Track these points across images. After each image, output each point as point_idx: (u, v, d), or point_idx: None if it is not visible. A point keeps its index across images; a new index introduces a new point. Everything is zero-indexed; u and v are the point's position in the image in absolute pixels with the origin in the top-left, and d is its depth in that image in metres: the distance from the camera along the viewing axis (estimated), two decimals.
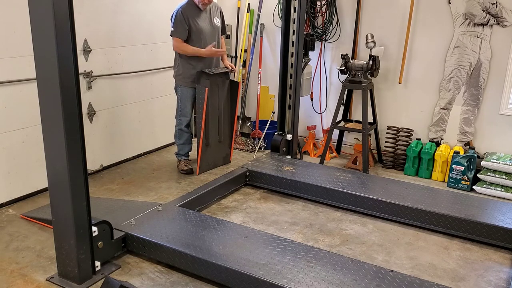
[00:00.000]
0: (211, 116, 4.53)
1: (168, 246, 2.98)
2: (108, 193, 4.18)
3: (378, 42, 4.72)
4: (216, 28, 4.44)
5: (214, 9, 4.45)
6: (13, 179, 3.86)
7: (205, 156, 4.62)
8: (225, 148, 4.83)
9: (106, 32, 4.46)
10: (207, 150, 4.61)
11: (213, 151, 4.68)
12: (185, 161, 4.71)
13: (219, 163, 4.80)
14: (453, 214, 3.52)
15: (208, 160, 4.66)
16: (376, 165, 5.05)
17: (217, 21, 4.45)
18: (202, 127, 4.45)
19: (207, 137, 4.55)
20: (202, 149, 4.52)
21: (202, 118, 4.41)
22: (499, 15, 4.32)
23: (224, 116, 4.69)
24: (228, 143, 4.84)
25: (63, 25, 2.42)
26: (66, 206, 2.68)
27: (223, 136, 4.73)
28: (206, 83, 4.38)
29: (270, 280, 2.63)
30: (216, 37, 4.45)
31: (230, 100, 4.73)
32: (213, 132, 4.62)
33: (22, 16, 2.96)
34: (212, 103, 4.50)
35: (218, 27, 4.48)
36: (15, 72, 3.72)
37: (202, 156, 4.57)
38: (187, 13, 4.23)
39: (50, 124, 2.59)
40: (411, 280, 2.67)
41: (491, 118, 4.55)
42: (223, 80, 4.59)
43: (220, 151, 4.77)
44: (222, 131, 4.70)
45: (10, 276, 2.92)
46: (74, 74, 2.53)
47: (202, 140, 4.49)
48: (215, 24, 4.43)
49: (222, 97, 4.62)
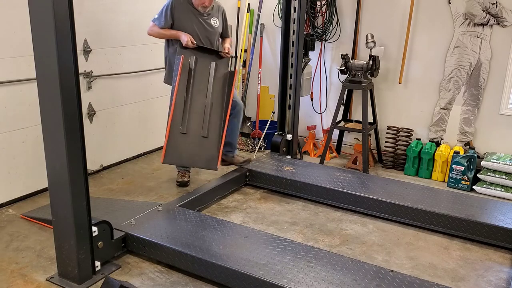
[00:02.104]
0: (194, 99, 3.87)
1: (168, 246, 2.98)
2: (108, 193, 4.18)
3: (378, 42, 4.72)
4: (213, 29, 4.10)
5: (215, 9, 4.16)
6: (13, 179, 3.86)
7: (176, 145, 3.80)
8: (210, 148, 3.85)
9: (106, 32, 4.45)
10: (181, 139, 3.81)
11: (192, 144, 3.84)
12: (182, 172, 4.38)
13: (198, 164, 3.97)
14: (453, 214, 3.52)
15: (180, 151, 3.82)
16: (376, 165, 5.05)
17: (215, 22, 4.10)
18: (173, 101, 3.78)
19: (184, 122, 3.82)
20: (173, 134, 3.78)
21: (175, 89, 3.79)
22: (499, 15, 4.32)
23: (213, 110, 3.92)
24: (216, 144, 3.86)
25: (63, 25, 2.42)
26: (66, 206, 2.68)
27: (209, 132, 3.87)
28: (185, 53, 3.87)
29: (270, 280, 2.63)
30: (212, 38, 4.10)
31: (225, 93, 3.99)
32: (194, 121, 3.86)
33: (22, 16, 2.96)
34: (197, 85, 3.90)
35: (215, 28, 4.12)
36: (15, 72, 3.72)
37: (171, 142, 3.78)
38: (178, 8, 3.94)
39: (50, 124, 2.59)
40: (411, 280, 2.67)
41: (491, 118, 4.55)
42: (217, 66, 4.00)
43: (202, 150, 3.87)
44: (208, 125, 3.89)
45: (10, 276, 2.92)
46: (74, 74, 2.53)
47: (174, 123, 3.79)
48: (211, 25, 4.08)
49: (215, 86, 3.95)
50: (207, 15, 4.07)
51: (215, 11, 4.15)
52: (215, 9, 4.15)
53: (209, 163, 3.88)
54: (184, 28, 3.95)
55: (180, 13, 3.96)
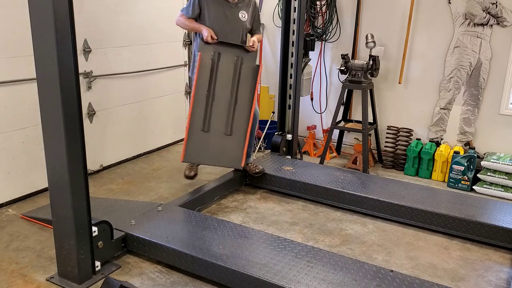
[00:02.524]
0: (217, 95, 3.76)
1: (168, 246, 2.98)
2: (108, 193, 4.18)
3: (378, 42, 4.72)
4: (240, 23, 3.86)
5: (245, 2, 3.91)
6: (13, 179, 3.86)
7: (197, 143, 3.72)
8: (234, 147, 3.78)
9: (106, 32, 4.45)
10: (202, 137, 3.74)
11: (214, 143, 3.77)
12: (190, 165, 4.29)
13: (221, 163, 3.90)
14: (453, 214, 3.52)
15: (201, 149, 3.75)
16: (376, 165, 5.05)
17: (243, 16, 3.86)
18: (192, 99, 3.70)
19: (205, 120, 3.74)
20: (193, 131, 3.70)
21: (193, 86, 3.71)
22: (499, 15, 4.32)
23: (238, 106, 3.80)
24: (241, 141, 3.79)
25: (63, 25, 2.42)
26: (66, 206, 2.68)
27: (233, 129, 3.79)
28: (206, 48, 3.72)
29: (270, 280, 2.63)
30: (238, 32, 3.87)
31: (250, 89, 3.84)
32: (217, 118, 3.76)
33: (22, 16, 2.96)
34: (220, 81, 3.77)
35: (243, 22, 3.88)
36: (15, 72, 3.72)
37: (192, 140, 3.71)
38: None
39: (50, 124, 2.59)
40: (411, 280, 2.67)
41: (491, 118, 4.55)
42: (243, 60, 3.81)
43: (226, 148, 3.78)
44: (232, 122, 3.79)
45: (10, 276, 2.92)
46: (74, 74, 2.53)
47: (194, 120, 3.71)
48: (239, 18, 3.85)
49: (240, 81, 3.81)
50: (236, 7, 3.85)
51: (245, 5, 3.92)
52: (246, 2, 3.92)
53: (233, 162, 3.82)
54: (209, 19, 3.79)
55: (208, 3, 3.79)
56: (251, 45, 3.85)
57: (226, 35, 3.82)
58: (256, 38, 3.95)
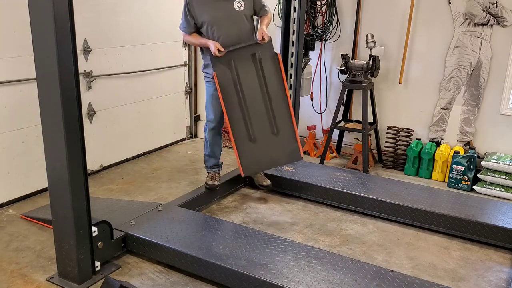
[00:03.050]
0: (249, 101, 3.63)
1: (168, 246, 2.98)
2: (108, 193, 4.18)
3: (378, 42, 4.72)
4: (238, 14, 3.65)
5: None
6: (13, 179, 3.86)
7: (249, 155, 3.64)
8: (287, 142, 3.69)
9: (106, 32, 4.46)
10: (251, 146, 3.64)
11: (265, 147, 3.67)
12: (212, 173, 4.04)
13: (281, 162, 3.82)
14: (453, 214, 3.52)
15: (256, 159, 3.66)
16: (376, 165, 5.05)
17: (240, 5, 3.64)
18: (227, 119, 3.60)
19: (248, 131, 3.63)
20: (243, 145, 3.61)
21: (223, 105, 3.57)
22: (499, 15, 4.32)
23: (274, 100, 3.68)
24: (291, 134, 3.71)
25: (63, 25, 2.42)
26: (66, 206, 2.68)
27: (278, 126, 3.67)
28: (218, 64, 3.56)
29: (270, 280, 2.63)
30: (239, 24, 3.67)
31: (278, 78, 3.72)
32: (259, 123, 3.65)
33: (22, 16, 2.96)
34: (246, 85, 3.64)
35: (241, 11, 3.65)
36: (15, 72, 3.72)
37: (243, 153, 3.61)
38: (194, 3, 3.61)
39: (50, 124, 2.59)
40: (411, 280, 2.67)
41: (491, 118, 4.55)
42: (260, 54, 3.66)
43: (279, 146, 3.70)
44: (275, 119, 3.67)
45: (10, 276, 2.92)
46: (74, 74, 2.53)
47: (238, 135, 3.61)
48: (234, 9, 3.64)
49: (266, 76, 3.68)
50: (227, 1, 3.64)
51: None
52: None
53: (292, 156, 3.76)
54: (207, 23, 3.62)
55: (198, 7, 3.62)
56: (261, 39, 3.63)
57: (230, 32, 3.63)
58: (265, 26, 3.72)
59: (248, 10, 3.71)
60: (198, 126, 5.86)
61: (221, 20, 3.63)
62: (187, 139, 5.79)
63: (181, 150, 5.40)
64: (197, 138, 5.85)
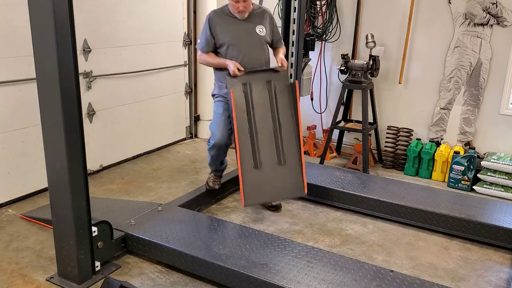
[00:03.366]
0: (259, 128, 3.53)
1: (168, 246, 2.98)
2: (108, 193, 4.17)
3: (378, 42, 4.72)
4: (259, 38, 3.59)
5: (259, 15, 3.63)
6: (13, 179, 3.86)
7: (253, 182, 3.48)
8: (292, 175, 3.56)
9: (106, 32, 4.45)
10: (256, 174, 3.50)
11: (270, 177, 3.53)
12: (214, 175, 3.96)
13: (283, 195, 3.71)
14: (453, 214, 3.52)
15: (259, 188, 3.51)
16: (376, 165, 5.05)
17: (262, 30, 3.59)
18: (237, 141, 3.45)
19: (255, 157, 3.51)
20: (246, 172, 3.46)
21: (235, 128, 3.45)
22: (499, 15, 4.32)
23: (283, 131, 3.58)
24: (298, 167, 3.57)
25: (63, 25, 2.42)
26: (66, 206, 2.68)
27: (285, 157, 3.56)
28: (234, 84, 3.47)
29: (270, 280, 2.63)
30: (259, 48, 3.62)
31: (291, 109, 3.60)
32: (266, 151, 3.54)
33: (22, 16, 2.96)
34: (258, 112, 3.54)
35: (262, 36, 3.60)
36: (15, 72, 3.72)
37: (247, 182, 3.44)
38: (216, 21, 3.55)
39: (50, 124, 2.59)
40: (411, 280, 2.67)
41: (491, 118, 4.55)
42: (275, 83, 3.57)
43: (283, 179, 3.56)
44: (283, 150, 3.56)
45: (10, 276, 2.92)
46: (74, 74, 2.53)
47: (244, 159, 3.47)
48: (256, 33, 3.58)
49: (279, 105, 3.57)
50: (249, 22, 3.57)
51: (259, 18, 3.63)
52: (259, 15, 3.64)
53: (296, 191, 3.62)
54: (234, 40, 3.55)
55: (219, 27, 3.55)
56: (280, 66, 3.55)
57: (251, 54, 3.57)
58: (282, 54, 3.69)
59: (268, 37, 3.66)
60: (198, 126, 5.86)
61: (242, 42, 3.56)
62: (187, 139, 5.79)
63: (181, 150, 5.40)
64: (197, 138, 5.85)
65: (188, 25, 5.47)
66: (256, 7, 3.67)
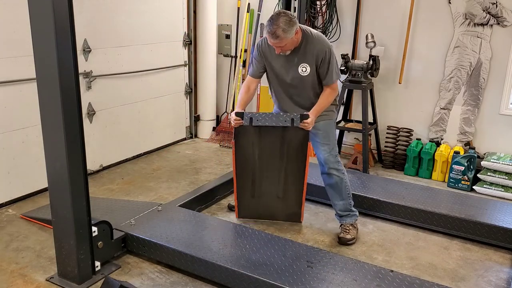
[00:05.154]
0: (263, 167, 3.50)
1: (168, 246, 2.98)
2: (108, 193, 4.18)
3: (378, 42, 4.72)
4: (299, 78, 3.21)
5: (309, 52, 3.16)
6: (13, 179, 3.86)
7: (249, 203, 3.67)
8: (292, 205, 3.63)
9: (106, 32, 4.45)
10: (252, 201, 3.66)
11: (267, 204, 3.65)
12: None
13: (278, 218, 3.73)
14: (453, 214, 3.52)
15: (255, 209, 3.69)
16: (376, 165, 5.05)
17: (304, 70, 3.18)
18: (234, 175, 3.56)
19: (254, 188, 3.59)
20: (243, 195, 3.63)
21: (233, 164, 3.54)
22: (499, 15, 4.32)
23: (288, 174, 3.51)
24: (297, 200, 3.61)
25: (63, 25, 2.42)
26: (66, 206, 2.68)
27: (289, 193, 3.59)
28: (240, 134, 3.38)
29: (270, 280, 2.63)
30: (299, 89, 3.28)
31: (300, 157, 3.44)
32: (266, 184, 3.57)
33: (22, 16, 2.96)
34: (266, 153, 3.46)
35: (306, 77, 3.20)
36: (15, 72, 3.72)
37: (242, 201, 3.66)
38: (264, 49, 3.28)
39: (50, 124, 2.59)
40: (411, 280, 2.67)
41: (491, 118, 4.55)
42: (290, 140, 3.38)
43: (282, 206, 3.65)
44: (283, 188, 3.57)
45: (10, 276, 2.92)
46: (74, 74, 2.53)
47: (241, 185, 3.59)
48: (300, 73, 3.19)
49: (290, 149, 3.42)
50: (294, 58, 3.19)
51: (307, 56, 3.18)
52: (309, 52, 3.17)
53: (291, 217, 3.68)
54: (275, 73, 3.31)
55: (268, 57, 3.29)
56: (302, 123, 3.21)
57: (288, 93, 3.32)
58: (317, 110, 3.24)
59: (311, 76, 3.23)
60: (198, 126, 5.86)
61: (280, 80, 3.31)
62: (187, 139, 5.79)
63: (181, 150, 5.40)
64: (197, 138, 5.85)
65: (188, 25, 5.47)
66: (311, 40, 3.17)
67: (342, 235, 3.43)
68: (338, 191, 3.47)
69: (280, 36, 2.98)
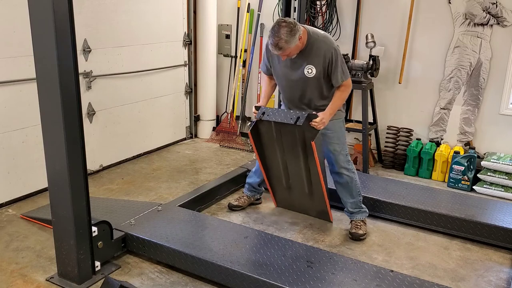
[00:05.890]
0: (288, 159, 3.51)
1: (168, 246, 2.98)
2: (108, 193, 4.18)
3: (378, 42, 4.72)
4: (305, 79, 3.22)
5: (315, 53, 3.17)
6: (13, 179, 3.86)
7: (283, 196, 3.82)
8: (318, 204, 3.65)
9: (106, 32, 4.45)
10: (286, 192, 3.77)
11: (299, 197, 3.72)
12: (241, 196, 3.94)
13: (310, 213, 3.80)
14: (453, 214, 3.52)
15: (289, 201, 3.84)
16: (376, 165, 5.05)
17: (310, 71, 3.18)
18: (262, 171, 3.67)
19: (287, 179, 3.64)
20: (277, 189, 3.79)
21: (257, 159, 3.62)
22: (499, 15, 4.32)
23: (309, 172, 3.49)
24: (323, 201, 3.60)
25: (63, 25, 2.41)
26: (66, 206, 2.67)
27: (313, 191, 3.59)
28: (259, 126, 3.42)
29: (270, 280, 2.63)
30: (306, 89, 3.27)
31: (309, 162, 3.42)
32: (295, 178, 3.60)
33: (22, 16, 2.96)
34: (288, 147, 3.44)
35: (309, 77, 3.20)
36: (15, 72, 3.71)
37: (278, 194, 3.83)
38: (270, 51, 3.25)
39: (50, 124, 2.59)
40: (411, 280, 2.67)
41: (491, 118, 4.55)
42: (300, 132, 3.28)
43: (311, 203, 3.70)
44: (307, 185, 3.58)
45: (10, 276, 2.92)
46: (74, 74, 2.53)
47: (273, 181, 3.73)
48: (306, 74, 3.20)
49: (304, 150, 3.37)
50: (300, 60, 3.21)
51: (313, 56, 3.18)
52: (315, 53, 3.17)
53: (321, 215, 3.75)
54: (277, 73, 3.39)
55: (273, 60, 3.36)
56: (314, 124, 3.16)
57: (291, 92, 3.34)
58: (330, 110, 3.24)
59: (321, 78, 3.23)
60: (198, 126, 5.86)
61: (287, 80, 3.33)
62: (187, 139, 5.79)
63: (181, 150, 5.40)
64: (197, 138, 5.86)
65: (188, 25, 5.47)
66: (317, 42, 3.17)
67: (354, 231, 3.49)
68: (348, 190, 3.53)
69: (283, 47, 3.03)
